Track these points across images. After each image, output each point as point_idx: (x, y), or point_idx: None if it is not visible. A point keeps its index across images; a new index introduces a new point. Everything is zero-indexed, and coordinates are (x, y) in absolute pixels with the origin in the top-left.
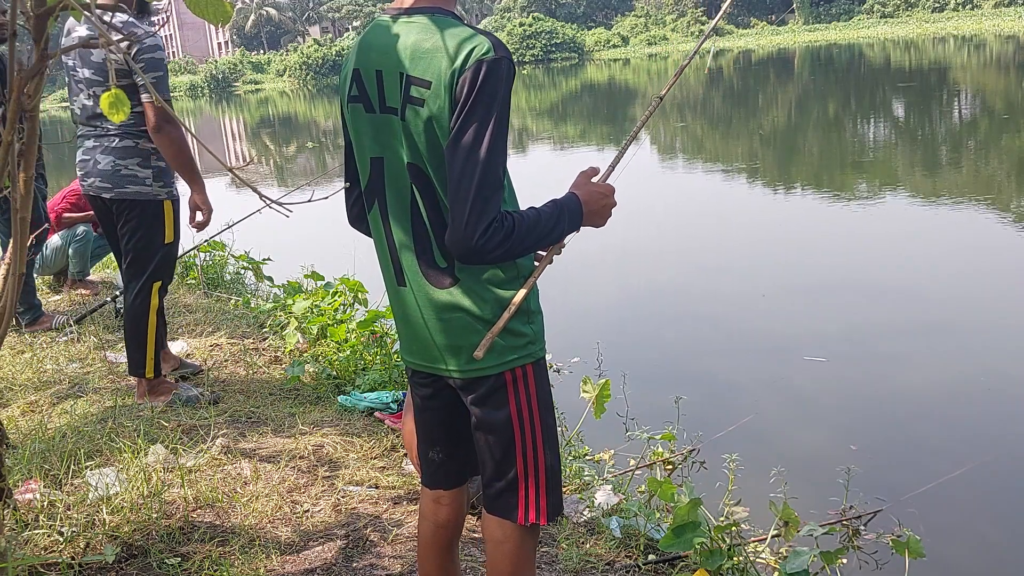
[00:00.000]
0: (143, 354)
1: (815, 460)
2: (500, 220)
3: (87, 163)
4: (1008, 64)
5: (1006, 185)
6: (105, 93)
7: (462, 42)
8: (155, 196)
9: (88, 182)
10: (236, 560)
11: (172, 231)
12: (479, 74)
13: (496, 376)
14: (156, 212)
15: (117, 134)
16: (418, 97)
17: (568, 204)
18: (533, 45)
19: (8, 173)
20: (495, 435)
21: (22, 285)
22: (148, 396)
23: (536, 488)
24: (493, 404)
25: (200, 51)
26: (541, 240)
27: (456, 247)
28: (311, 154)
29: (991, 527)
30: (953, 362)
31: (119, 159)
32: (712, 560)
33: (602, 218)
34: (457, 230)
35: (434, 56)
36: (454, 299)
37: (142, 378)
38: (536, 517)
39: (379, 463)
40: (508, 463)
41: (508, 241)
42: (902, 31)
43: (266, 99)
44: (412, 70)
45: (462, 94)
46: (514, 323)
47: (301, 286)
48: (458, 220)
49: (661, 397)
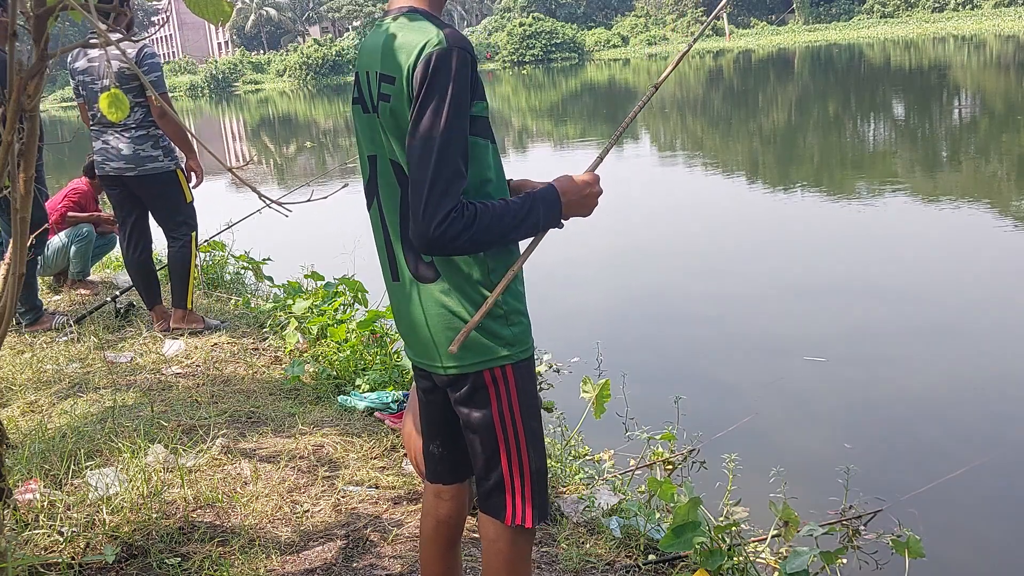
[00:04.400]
0: (185, 289)
1: (815, 460)
2: (460, 209)
3: (108, 151)
4: (1008, 64)
5: (1006, 186)
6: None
7: (419, 37)
8: (167, 168)
9: (110, 166)
10: (236, 560)
11: (188, 192)
12: (429, 66)
13: (475, 375)
14: (171, 179)
15: (133, 126)
16: (386, 93)
17: (543, 195)
18: (533, 45)
19: (8, 173)
20: (479, 435)
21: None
22: (183, 323)
23: (522, 491)
24: (475, 404)
25: (200, 51)
26: (512, 231)
27: (417, 239)
28: (311, 154)
29: (991, 527)
30: (953, 362)
31: (137, 145)
32: (712, 560)
33: (586, 207)
34: (416, 221)
35: (398, 53)
36: (437, 294)
37: (182, 309)
38: (522, 519)
39: (379, 463)
40: (494, 464)
41: (470, 231)
42: (902, 31)
43: (266, 99)
44: (382, 68)
45: (416, 87)
46: (493, 324)
47: (301, 286)
48: (416, 210)
49: (661, 397)
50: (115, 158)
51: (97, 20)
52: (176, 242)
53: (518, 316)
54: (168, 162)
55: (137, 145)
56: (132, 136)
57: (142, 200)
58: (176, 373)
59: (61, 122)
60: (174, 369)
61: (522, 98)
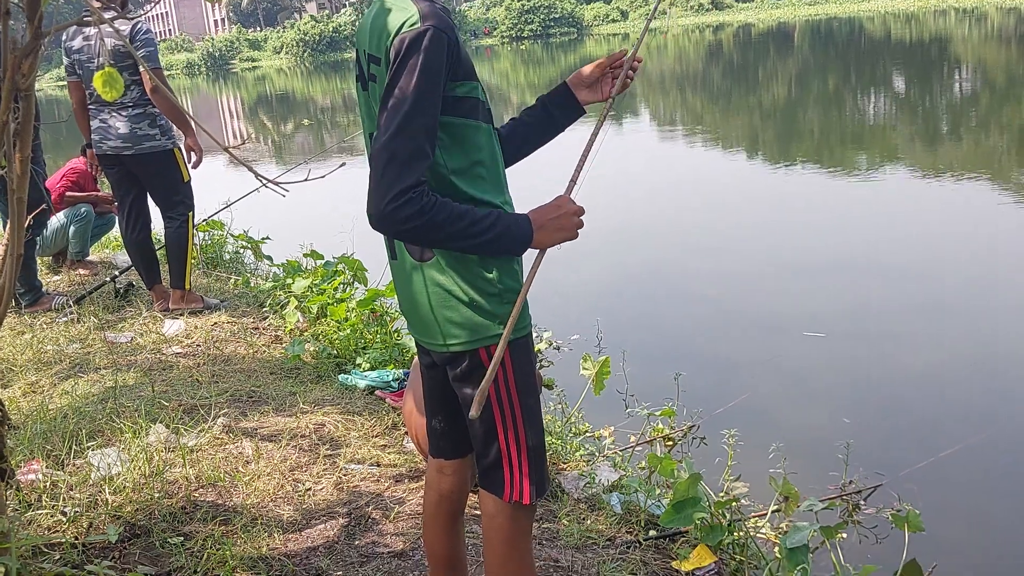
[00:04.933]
0: (183, 270)
1: (814, 436)
2: (419, 194)
3: (105, 130)
4: (1010, 37)
5: (1007, 160)
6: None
7: (400, 17)
8: (164, 147)
9: (108, 144)
10: (238, 539)
11: (186, 171)
12: (402, 45)
13: (471, 353)
14: (168, 159)
15: (131, 104)
16: (374, 74)
17: (513, 220)
18: (531, 20)
19: (4, 153)
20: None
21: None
22: (182, 303)
23: (520, 467)
24: (472, 382)
25: (196, 29)
26: (465, 238)
27: (369, 214)
28: (308, 132)
29: (990, 502)
30: (952, 339)
31: (135, 124)
32: (712, 535)
33: (562, 230)
34: (370, 195)
35: (382, 33)
36: (431, 273)
37: (180, 289)
38: (520, 496)
39: (380, 441)
40: (491, 441)
41: (421, 218)
42: (903, 4)
43: (263, 76)
44: (370, 48)
45: (391, 65)
46: (489, 303)
47: (300, 265)
48: (372, 184)
49: (661, 374)
50: (112, 137)
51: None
52: (173, 222)
53: (513, 295)
54: (165, 141)
55: (134, 124)
56: (129, 115)
57: (139, 179)
58: (176, 353)
59: (58, 101)
60: (174, 349)
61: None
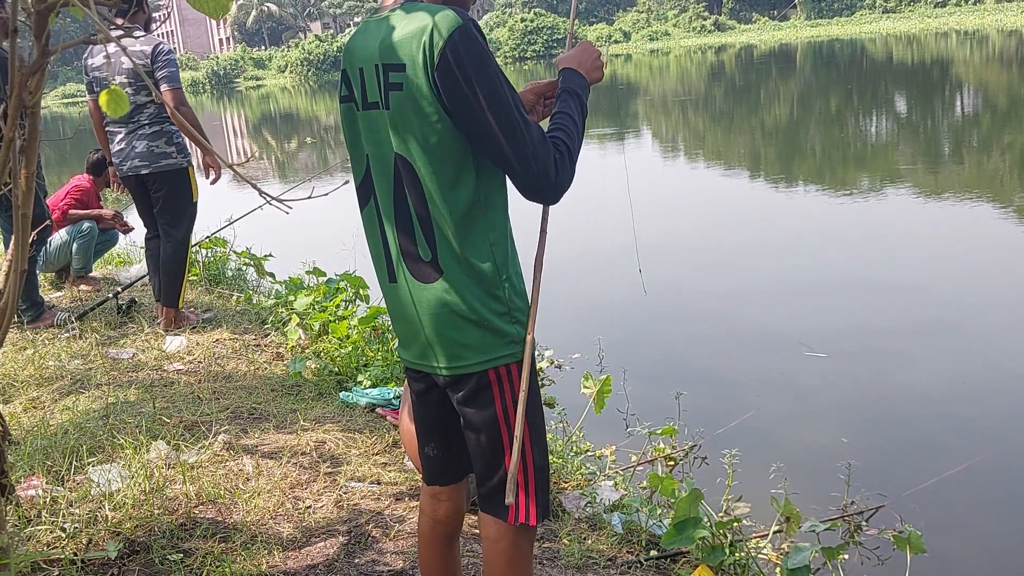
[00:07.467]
0: (178, 290)
1: (816, 456)
2: (556, 148)
3: (124, 151)
4: (1011, 59)
5: (1008, 182)
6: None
7: (428, 19)
8: (180, 164)
9: (127, 165)
10: (238, 556)
11: (196, 191)
12: (460, 44)
13: (480, 375)
14: (183, 177)
15: (148, 123)
16: (396, 82)
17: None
18: (535, 41)
19: (10, 170)
20: (483, 435)
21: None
22: (174, 323)
23: (526, 488)
24: (479, 403)
25: (201, 47)
26: (582, 127)
27: (541, 193)
28: (312, 150)
29: (992, 523)
30: (954, 358)
31: (152, 142)
32: (714, 556)
33: (599, 70)
34: (532, 179)
35: (404, 39)
36: (440, 294)
37: (174, 308)
38: (526, 518)
39: (381, 459)
40: (497, 463)
41: (571, 157)
42: (904, 26)
43: (267, 95)
44: (387, 59)
45: (452, 68)
46: (497, 322)
47: (303, 282)
48: (530, 170)
49: (662, 393)
50: (130, 156)
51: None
52: (173, 240)
53: (520, 313)
54: (181, 159)
55: (151, 142)
56: (148, 133)
57: (150, 195)
58: (178, 369)
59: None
60: (176, 365)
61: None
